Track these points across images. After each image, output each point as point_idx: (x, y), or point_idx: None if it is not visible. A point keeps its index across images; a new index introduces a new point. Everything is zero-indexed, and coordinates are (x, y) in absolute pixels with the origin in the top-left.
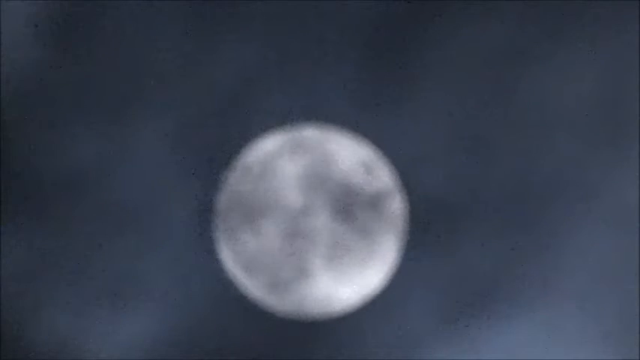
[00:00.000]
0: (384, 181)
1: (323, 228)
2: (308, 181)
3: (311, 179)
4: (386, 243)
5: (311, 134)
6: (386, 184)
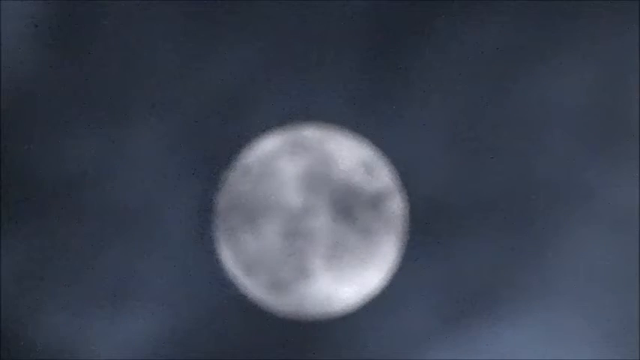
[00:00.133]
0: (384, 182)
1: (323, 228)
2: (308, 182)
3: (311, 179)
4: (386, 243)
5: (311, 134)
6: (386, 185)
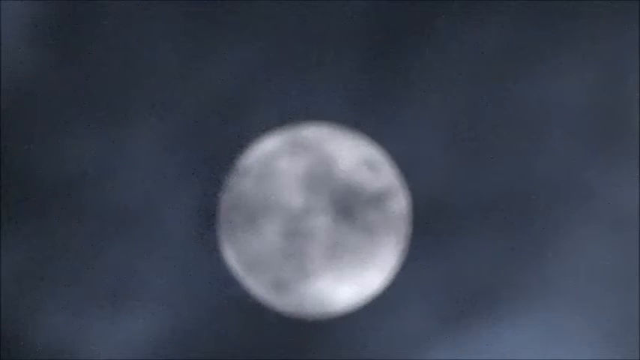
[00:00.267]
0: (384, 182)
1: (323, 228)
2: (308, 182)
3: (311, 179)
4: (386, 243)
5: (311, 134)
6: (386, 185)
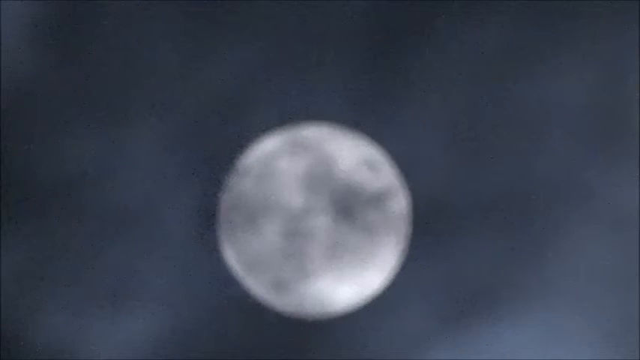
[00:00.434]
0: (384, 182)
1: (323, 228)
2: (308, 182)
3: (311, 179)
4: (386, 243)
5: (311, 134)
6: (386, 185)
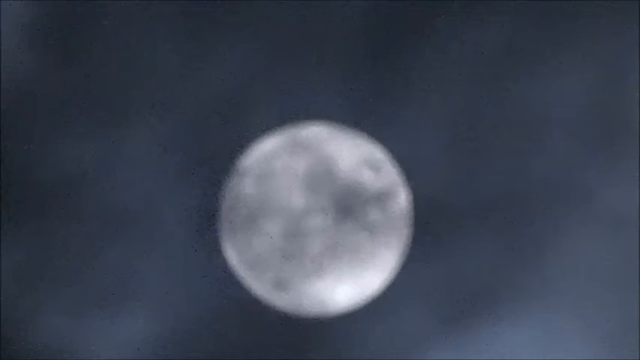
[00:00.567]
0: (385, 181)
1: (323, 228)
2: (308, 182)
3: (311, 179)
4: (386, 243)
5: (311, 134)
6: (386, 184)
